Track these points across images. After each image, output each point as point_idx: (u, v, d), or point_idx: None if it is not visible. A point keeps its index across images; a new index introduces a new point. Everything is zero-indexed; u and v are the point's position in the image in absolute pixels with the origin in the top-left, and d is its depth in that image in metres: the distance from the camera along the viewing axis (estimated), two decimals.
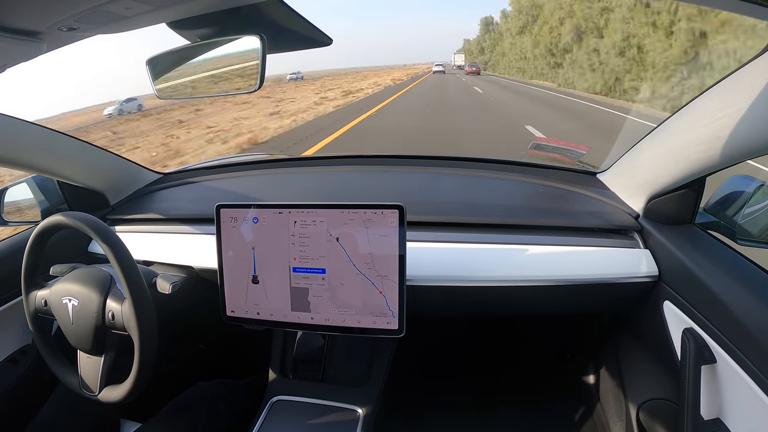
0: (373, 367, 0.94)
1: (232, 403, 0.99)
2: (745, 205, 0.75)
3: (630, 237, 0.85)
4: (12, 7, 0.43)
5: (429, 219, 0.88)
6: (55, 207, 1.06)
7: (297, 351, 0.98)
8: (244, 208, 0.81)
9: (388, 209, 0.75)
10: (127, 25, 0.53)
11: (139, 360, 0.71)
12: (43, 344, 0.81)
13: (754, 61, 0.53)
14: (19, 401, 0.91)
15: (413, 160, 1.21)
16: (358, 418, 0.83)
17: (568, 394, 1.21)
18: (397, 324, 0.78)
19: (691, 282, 0.69)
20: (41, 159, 0.90)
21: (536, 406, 1.22)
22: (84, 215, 0.73)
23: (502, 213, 0.90)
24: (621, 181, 0.94)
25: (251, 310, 0.84)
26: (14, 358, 0.92)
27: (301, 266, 0.80)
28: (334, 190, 1.13)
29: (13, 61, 0.56)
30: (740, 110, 0.55)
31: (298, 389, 0.91)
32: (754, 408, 0.56)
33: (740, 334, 0.58)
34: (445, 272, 0.83)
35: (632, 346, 0.95)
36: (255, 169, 1.28)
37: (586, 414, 1.14)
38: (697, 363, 0.64)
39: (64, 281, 0.77)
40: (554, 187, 1.01)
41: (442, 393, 1.28)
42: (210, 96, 0.73)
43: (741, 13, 0.44)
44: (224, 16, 0.56)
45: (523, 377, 1.33)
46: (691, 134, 0.66)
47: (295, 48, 0.69)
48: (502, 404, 1.24)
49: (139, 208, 1.09)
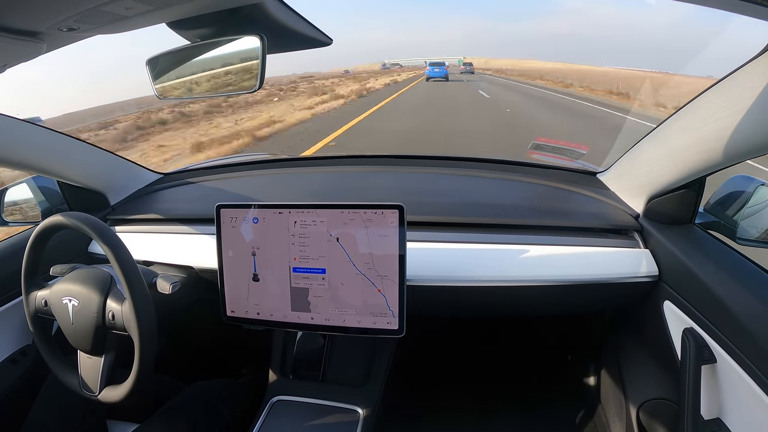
0: (373, 368, 0.93)
1: (231, 403, 0.99)
2: (745, 205, 0.75)
3: (630, 237, 0.85)
4: (12, 7, 0.43)
5: (429, 219, 0.88)
6: (55, 207, 1.06)
7: (297, 351, 0.98)
8: (244, 208, 0.81)
9: (388, 209, 0.75)
10: (127, 25, 0.53)
11: (139, 360, 0.71)
12: (43, 344, 0.81)
13: (753, 61, 0.53)
14: (19, 401, 0.91)
15: (413, 160, 1.21)
16: (358, 419, 0.83)
17: (568, 394, 1.21)
18: (397, 324, 0.78)
19: (691, 282, 0.69)
20: (41, 159, 0.90)
21: (536, 405, 1.22)
22: (84, 215, 0.73)
23: (502, 213, 0.90)
24: (621, 181, 0.94)
25: (251, 310, 0.84)
26: (14, 358, 0.92)
27: (301, 266, 0.80)
28: (334, 190, 1.13)
29: (13, 61, 0.57)
30: (740, 110, 0.55)
31: (298, 389, 0.91)
32: (754, 408, 0.56)
33: (740, 334, 0.58)
34: (445, 272, 0.83)
35: (632, 346, 0.95)
36: (255, 169, 1.28)
37: (586, 414, 1.14)
38: (698, 363, 0.64)
39: (64, 281, 0.77)
40: (554, 187, 1.02)
41: (442, 393, 1.28)
42: (210, 96, 0.73)
43: (741, 13, 0.44)
44: (224, 16, 0.56)
45: (523, 377, 1.33)
46: (691, 134, 0.67)
47: (295, 48, 0.70)
48: (502, 404, 1.24)
49: (140, 208, 1.09)
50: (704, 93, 0.63)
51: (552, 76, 26.88)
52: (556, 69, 30.87)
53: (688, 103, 0.67)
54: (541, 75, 29.92)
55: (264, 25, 0.59)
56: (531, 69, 44.00)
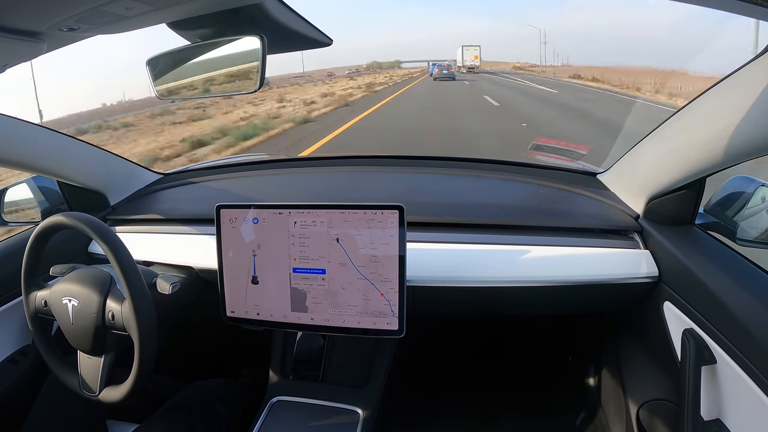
0: (373, 368, 0.93)
1: (230, 403, 0.99)
2: (745, 206, 0.75)
3: (630, 238, 0.85)
4: (12, 8, 0.43)
5: (429, 219, 0.88)
6: (55, 207, 1.06)
7: (297, 351, 0.97)
8: (244, 209, 0.81)
9: (388, 210, 0.75)
10: (127, 25, 0.53)
11: (139, 360, 0.71)
12: (43, 344, 0.81)
13: (754, 61, 0.53)
14: (19, 401, 0.91)
15: (413, 160, 1.21)
16: (357, 419, 0.83)
17: (568, 395, 1.21)
18: (397, 324, 0.78)
19: (691, 283, 0.69)
20: (41, 159, 0.90)
21: (537, 406, 1.22)
22: (84, 215, 0.73)
23: (502, 214, 0.90)
24: (621, 182, 0.94)
25: (251, 310, 0.84)
26: (14, 358, 0.92)
27: (301, 267, 0.80)
28: (334, 190, 1.13)
29: (13, 61, 0.57)
30: (740, 110, 0.55)
31: (298, 390, 0.91)
32: (754, 408, 0.56)
33: (740, 335, 0.58)
34: (445, 273, 0.83)
35: (632, 346, 0.95)
36: (255, 169, 1.28)
37: (586, 414, 1.14)
38: (697, 363, 0.64)
39: (64, 281, 0.77)
40: (554, 187, 1.01)
41: (442, 393, 1.28)
42: (210, 96, 0.73)
43: (741, 13, 0.44)
44: (224, 16, 0.56)
45: (523, 377, 1.33)
46: (691, 135, 0.66)
47: (295, 48, 0.70)
48: (503, 404, 1.24)
49: (140, 208, 1.09)
50: (705, 93, 0.63)
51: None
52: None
53: (688, 103, 0.67)
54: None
55: (264, 25, 0.59)
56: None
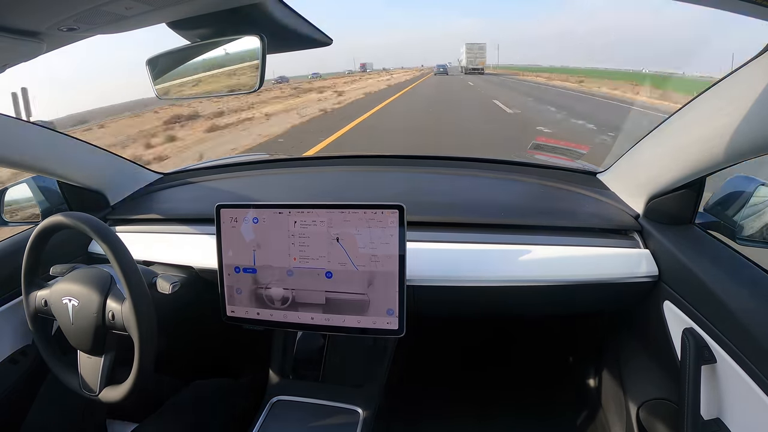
0: (373, 368, 0.93)
1: (230, 402, 0.99)
2: (745, 205, 0.75)
3: (630, 237, 0.85)
4: (12, 7, 0.43)
5: (429, 219, 0.88)
6: (55, 207, 1.06)
7: (297, 351, 0.98)
8: (244, 208, 0.81)
9: (388, 209, 0.75)
10: (127, 25, 0.53)
11: (139, 360, 0.71)
12: (43, 344, 0.81)
13: (754, 61, 0.53)
14: (19, 401, 0.91)
15: (413, 160, 1.21)
16: (357, 419, 0.83)
17: (569, 394, 1.21)
18: (397, 324, 0.78)
19: (691, 282, 0.69)
20: (41, 159, 0.90)
21: (537, 405, 1.22)
22: (84, 215, 0.73)
23: (502, 213, 0.90)
24: (621, 181, 0.94)
25: (251, 310, 0.84)
26: (14, 358, 0.92)
27: (301, 266, 0.80)
28: (334, 190, 1.13)
29: (13, 61, 0.57)
30: (740, 110, 0.55)
31: (298, 389, 0.91)
32: (754, 408, 0.56)
33: (740, 334, 0.58)
34: (445, 272, 0.83)
35: (632, 346, 0.95)
36: (255, 169, 1.28)
37: (586, 414, 1.14)
38: (697, 363, 0.64)
39: (64, 281, 0.77)
40: (554, 187, 1.01)
41: (442, 393, 1.28)
42: (210, 96, 0.73)
43: (741, 13, 0.44)
44: (224, 16, 0.56)
45: (523, 377, 1.33)
46: (691, 134, 0.66)
47: (295, 48, 0.70)
48: (503, 403, 1.24)
49: (140, 208, 1.09)
50: (704, 93, 0.63)
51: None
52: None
53: (688, 102, 0.67)
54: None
55: (264, 25, 0.59)
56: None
